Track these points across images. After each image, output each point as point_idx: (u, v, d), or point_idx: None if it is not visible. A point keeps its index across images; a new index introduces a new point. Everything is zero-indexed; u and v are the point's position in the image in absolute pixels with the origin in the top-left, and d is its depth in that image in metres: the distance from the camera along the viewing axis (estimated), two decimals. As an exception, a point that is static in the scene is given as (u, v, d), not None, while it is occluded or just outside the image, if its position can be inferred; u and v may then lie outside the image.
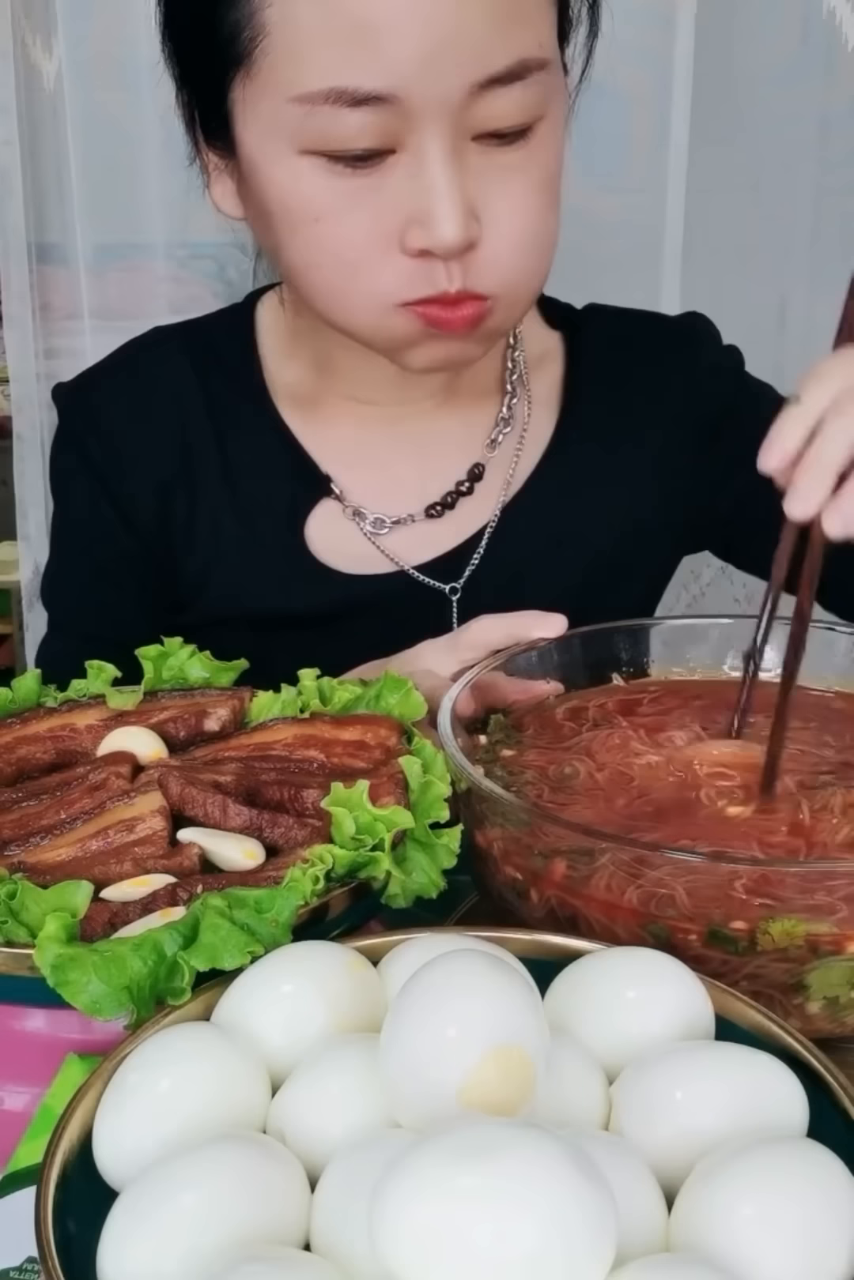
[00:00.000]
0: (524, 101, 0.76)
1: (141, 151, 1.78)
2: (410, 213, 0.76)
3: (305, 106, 0.75)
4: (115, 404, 1.01)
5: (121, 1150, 0.45)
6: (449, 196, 0.75)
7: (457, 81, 0.74)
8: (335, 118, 0.74)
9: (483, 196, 0.77)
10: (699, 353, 1.02)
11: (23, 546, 1.92)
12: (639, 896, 0.58)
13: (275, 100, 0.76)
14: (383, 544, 0.97)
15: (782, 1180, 0.41)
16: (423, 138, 0.75)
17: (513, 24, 0.75)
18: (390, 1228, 0.37)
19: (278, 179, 0.79)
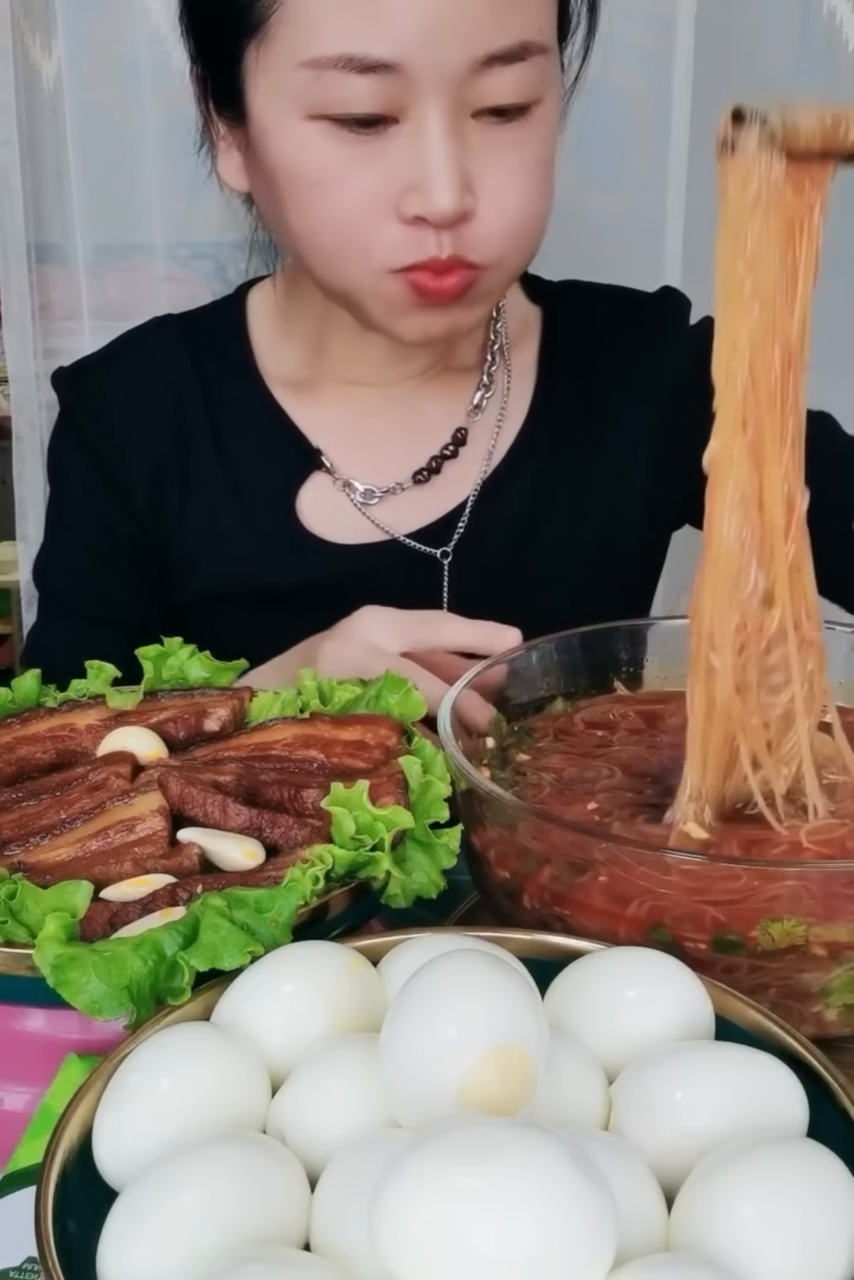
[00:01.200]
0: (523, 81, 0.81)
1: (141, 151, 1.78)
2: (408, 181, 0.80)
3: (315, 71, 0.79)
4: (113, 389, 1.04)
5: (121, 1150, 0.45)
6: (446, 166, 0.79)
7: (459, 56, 0.78)
8: (343, 82, 0.79)
9: (479, 171, 0.81)
10: (668, 324, 1.05)
11: (22, 547, 1.92)
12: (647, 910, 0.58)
13: (287, 65, 0.81)
14: (373, 514, 1.01)
15: (782, 1180, 0.41)
16: (424, 109, 0.79)
17: (515, 7, 0.79)
18: (390, 1228, 0.37)
19: (285, 144, 0.83)
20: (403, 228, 0.82)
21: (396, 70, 0.78)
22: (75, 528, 1.06)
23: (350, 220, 0.83)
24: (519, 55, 0.80)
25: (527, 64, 0.80)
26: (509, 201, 0.83)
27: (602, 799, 0.68)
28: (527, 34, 0.80)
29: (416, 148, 0.80)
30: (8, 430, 1.92)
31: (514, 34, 0.79)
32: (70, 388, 1.05)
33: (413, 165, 0.80)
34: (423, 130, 0.80)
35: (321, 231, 0.85)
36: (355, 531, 1.00)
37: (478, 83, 0.79)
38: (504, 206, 0.83)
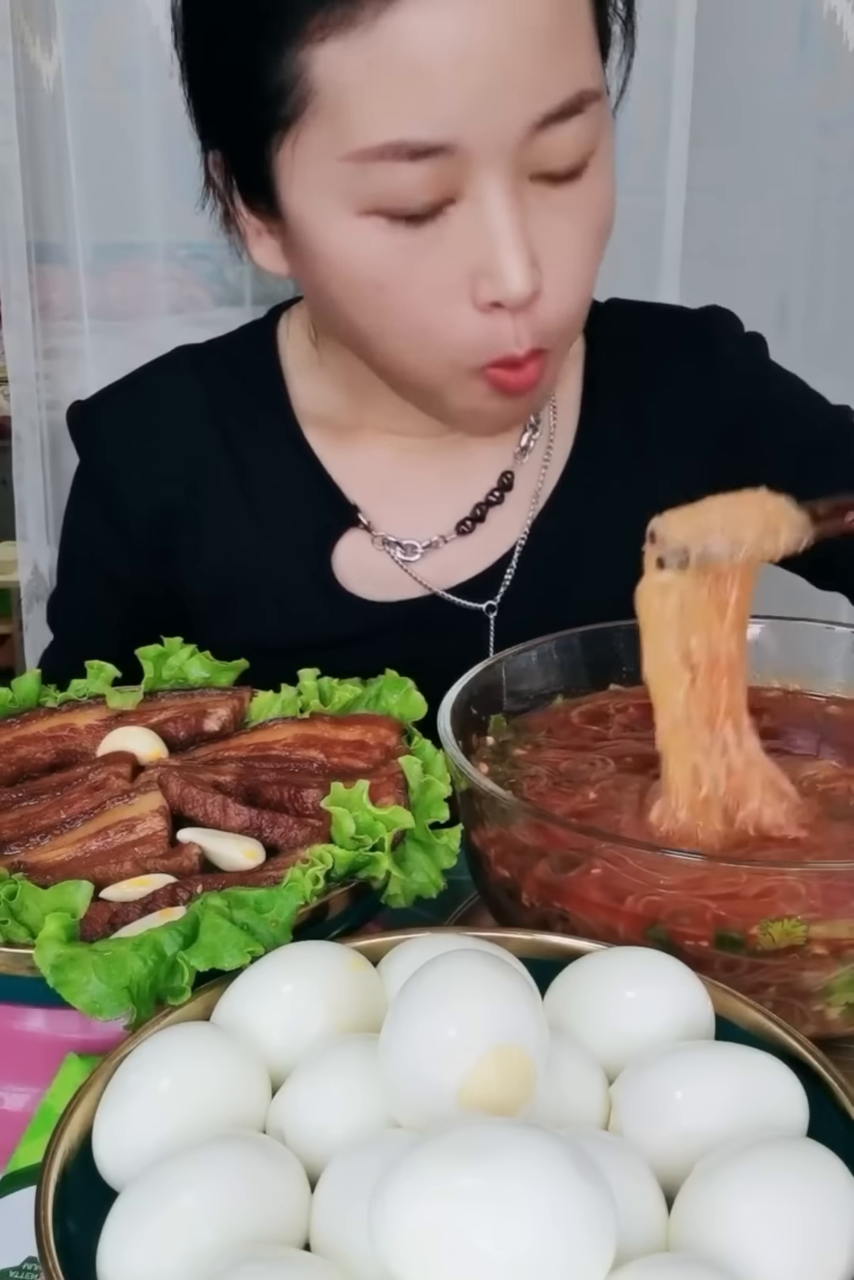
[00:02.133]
0: (580, 136, 0.73)
1: (141, 151, 1.78)
2: (475, 263, 0.74)
3: (360, 164, 0.72)
4: (116, 429, 0.99)
5: (121, 1150, 0.45)
6: (515, 244, 0.73)
7: (515, 121, 0.71)
8: (393, 173, 0.71)
9: (542, 240, 0.74)
10: (717, 353, 0.99)
11: (22, 547, 1.92)
12: (644, 905, 0.58)
13: (327, 161, 0.73)
14: (414, 570, 0.94)
15: (781, 1180, 0.41)
16: (483, 184, 0.72)
17: (566, 55, 0.72)
18: (390, 1228, 0.37)
19: (334, 243, 0.76)
20: (477, 315, 0.75)
21: (450, 150, 0.71)
22: (78, 567, 1.02)
23: (421, 321, 0.76)
24: (576, 108, 0.72)
25: (583, 116, 0.73)
26: (574, 273, 0.77)
27: (598, 790, 0.68)
28: (581, 82, 0.72)
29: (480, 226, 0.73)
30: (8, 430, 1.92)
31: (569, 85, 0.72)
32: (76, 428, 1.01)
33: (479, 246, 0.73)
34: (484, 207, 0.72)
35: (392, 333, 0.78)
36: (395, 588, 0.94)
37: (535, 146, 0.72)
38: (569, 278, 0.76)
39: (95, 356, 1.85)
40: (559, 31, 0.71)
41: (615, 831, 0.63)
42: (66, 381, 1.90)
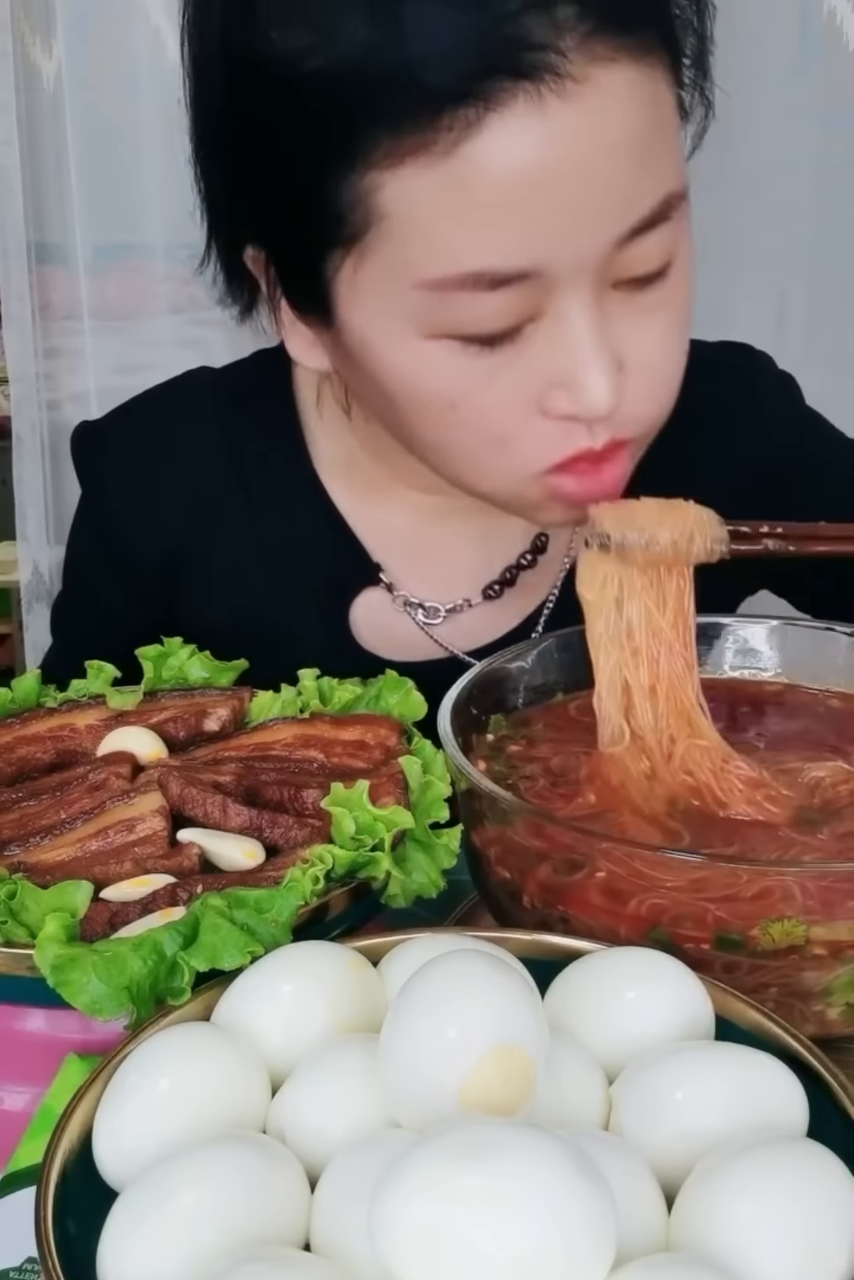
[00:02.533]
0: (665, 240, 0.69)
1: (141, 151, 1.78)
2: (553, 375, 0.69)
3: (436, 293, 0.66)
4: (125, 465, 0.94)
5: (121, 1150, 0.45)
6: (597, 360, 0.68)
7: (601, 241, 0.66)
8: (471, 302, 0.66)
9: (624, 342, 0.70)
10: (759, 400, 0.94)
11: (22, 546, 1.93)
12: (646, 908, 0.58)
13: (395, 285, 0.67)
14: (436, 632, 0.91)
15: (782, 1180, 0.41)
16: (565, 301, 0.67)
17: (654, 163, 0.67)
18: (390, 1228, 0.37)
19: (399, 363, 0.70)
20: (549, 423, 0.70)
21: (532, 276, 0.66)
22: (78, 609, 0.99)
23: (493, 434, 0.72)
24: (663, 215, 0.68)
25: (670, 219, 0.69)
26: (658, 367, 0.73)
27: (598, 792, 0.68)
28: (668, 185, 0.68)
29: (560, 341, 0.68)
30: (8, 430, 1.92)
31: (657, 193, 0.67)
32: (80, 456, 0.96)
33: (557, 360, 0.68)
34: (565, 322, 0.67)
35: (459, 445, 0.74)
36: (413, 648, 0.90)
37: (619, 257, 0.67)
38: (654, 373, 0.72)
39: (95, 356, 1.85)
40: (648, 139, 0.66)
41: (616, 833, 0.63)
42: (67, 381, 1.90)
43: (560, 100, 0.62)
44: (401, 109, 0.63)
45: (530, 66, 0.62)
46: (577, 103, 0.63)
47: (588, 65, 0.63)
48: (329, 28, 0.64)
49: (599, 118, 0.64)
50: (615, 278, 0.68)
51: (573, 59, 0.62)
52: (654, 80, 0.66)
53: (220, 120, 0.71)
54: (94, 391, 1.85)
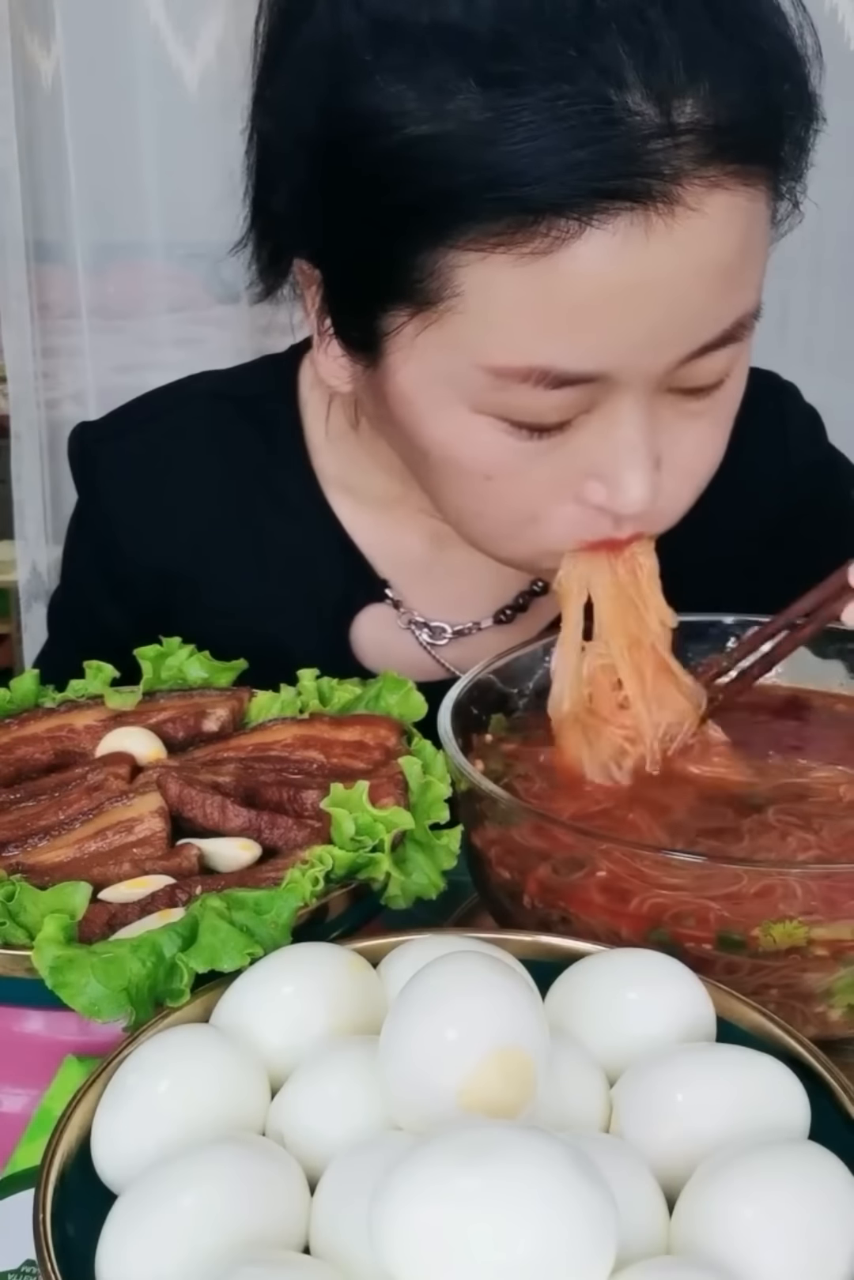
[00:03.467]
0: (730, 356, 0.68)
1: (140, 150, 1.79)
2: (593, 467, 0.68)
3: (498, 379, 0.65)
4: (122, 476, 0.92)
5: (120, 1152, 0.45)
6: (641, 463, 0.67)
7: (671, 357, 0.65)
8: (530, 394, 0.65)
9: (665, 443, 0.69)
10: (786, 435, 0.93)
11: (20, 546, 1.93)
12: (648, 907, 0.58)
13: (457, 359, 0.66)
14: (441, 654, 0.89)
15: (783, 1183, 0.41)
16: (621, 403, 0.66)
17: (739, 285, 0.66)
18: (390, 1230, 0.37)
19: (442, 429, 0.69)
20: (580, 509, 0.70)
21: (597, 380, 0.65)
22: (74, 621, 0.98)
23: (523, 512, 0.71)
24: (734, 336, 0.66)
25: (739, 340, 0.67)
26: (696, 470, 0.72)
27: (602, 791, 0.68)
28: (744, 308, 0.66)
29: (607, 438, 0.67)
30: (6, 429, 1.92)
31: (732, 316, 0.66)
32: (76, 462, 0.94)
33: (601, 453, 0.67)
34: (616, 422, 0.66)
35: (488, 516, 0.73)
36: (417, 670, 0.86)
37: (682, 370, 0.66)
38: (689, 475, 0.72)
39: (94, 355, 1.85)
40: (740, 261, 0.65)
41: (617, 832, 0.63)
42: (65, 380, 1.90)
43: (665, 223, 0.61)
44: (499, 207, 0.61)
45: (645, 192, 0.60)
46: (682, 226, 0.61)
47: (701, 191, 0.61)
48: (441, 99, 0.61)
49: (699, 242, 0.62)
50: (671, 385, 0.67)
51: (687, 186, 0.60)
52: (756, 202, 0.65)
53: (306, 131, 0.67)
54: (93, 390, 1.85)
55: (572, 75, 0.59)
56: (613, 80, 0.59)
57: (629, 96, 0.59)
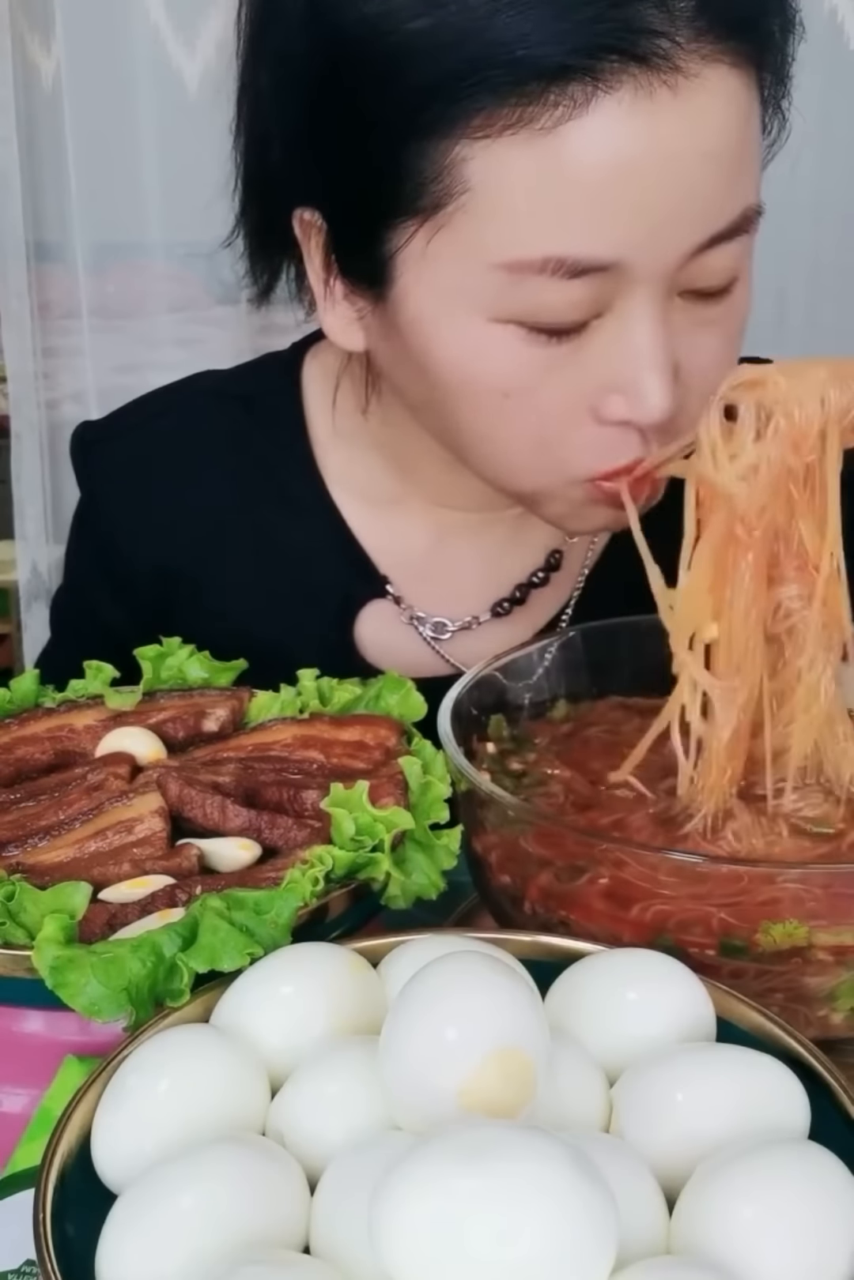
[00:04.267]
0: (737, 253, 0.68)
1: (140, 150, 1.79)
2: (610, 379, 0.68)
3: (513, 275, 0.65)
4: (124, 475, 0.92)
5: (120, 1152, 0.45)
6: (659, 366, 0.67)
7: (684, 244, 0.66)
8: (548, 288, 0.65)
9: (682, 353, 0.69)
10: None
11: (21, 546, 1.93)
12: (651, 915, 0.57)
13: (469, 263, 0.66)
14: (444, 649, 0.89)
15: (783, 1183, 0.41)
16: (634, 301, 0.66)
17: (741, 174, 0.67)
18: (390, 1230, 0.37)
19: (458, 345, 0.68)
20: (601, 430, 0.69)
21: (613, 269, 0.65)
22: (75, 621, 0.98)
23: (541, 433, 0.70)
24: (741, 228, 0.68)
25: (746, 234, 0.68)
26: (713, 380, 0.69)
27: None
28: (749, 199, 0.68)
29: (624, 343, 0.67)
30: (6, 429, 1.92)
31: (738, 205, 0.67)
32: (78, 460, 0.94)
33: (617, 362, 0.67)
34: (631, 324, 0.66)
35: (505, 438, 0.72)
36: (420, 666, 0.87)
37: (692, 265, 0.66)
38: (707, 385, 0.69)
39: (94, 355, 1.85)
40: (740, 149, 0.66)
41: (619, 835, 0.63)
42: (65, 380, 1.90)
43: (670, 92, 0.62)
44: (507, 80, 0.61)
45: (646, 51, 0.61)
46: (685, 97, 0.62)
47: (699, 62, 0.63)
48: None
49: (703, 118, 0.63)
50: (684, 287, 0.68)
51: (686, 52, 0.62)
52: (750, 89, 0.66)
53: (296, 73, 0.68)
54: (93, 390, 1.85)
55: None
56: None
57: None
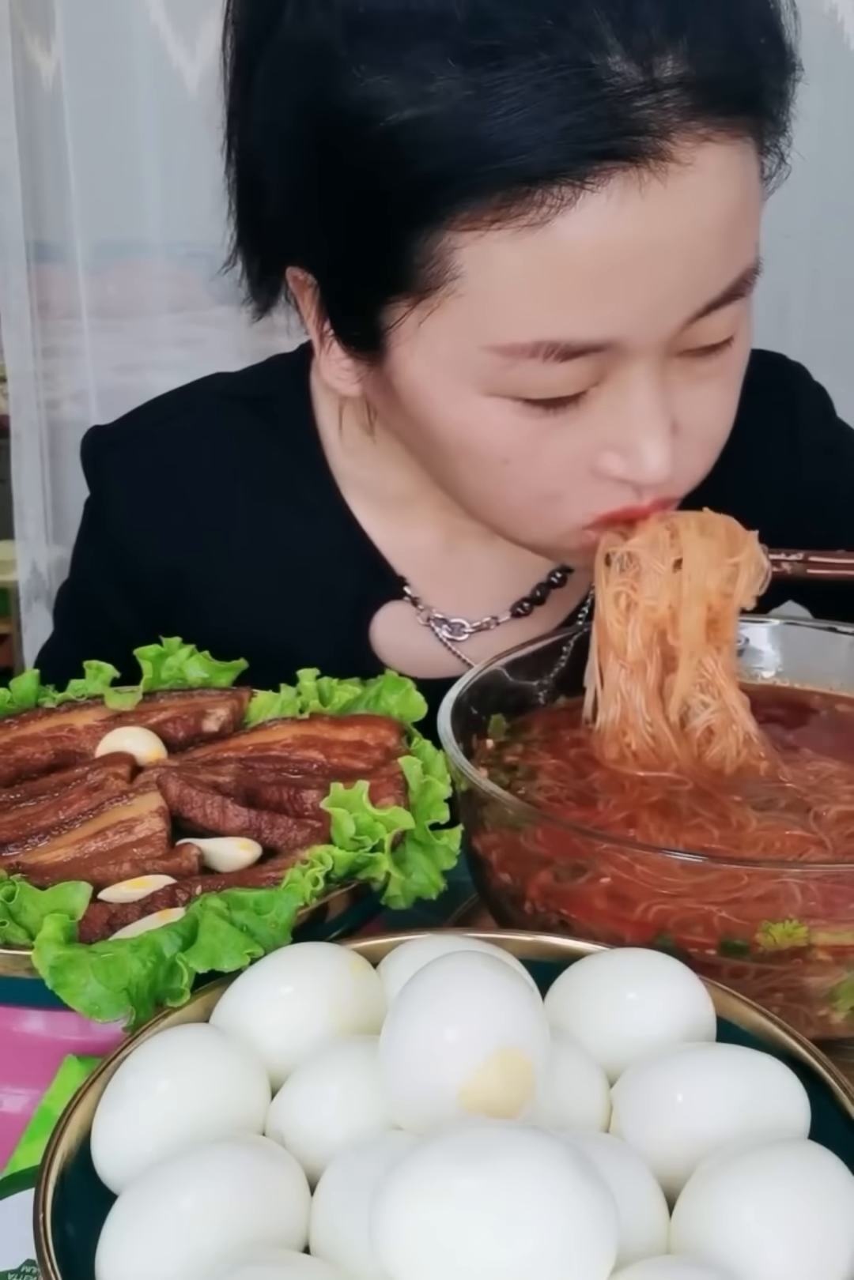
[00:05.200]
0: (736, 313, 0.68)
1: (140, 150, 1.78)
2: (610, 439, 0.68)
3: (506, 358, 0.64)
4: (135, 478, 0.91)
5: (120, 1152, 0.45)
6: (657, 430, 0.67)
7: (680, 317, 0.65)
8: (539, 369, 0.64)
9: (679, 407, 0.69)
10: (797, 421, 0.93)
11: (20, 546, 1.93)
12: (654, 914, 0.57)
13: (462, 344, 0.65)
14: (461, 649, 0.89)
15: (783, 1182, 0.41)
16: (631, 371, 0.66)
17: (739, 240, 0.66)
18: (390, 1230, 0.37)
19: (454, 416, 0.69)
20: (597, 482, 0.70)
21: (608, 347, 0.64)
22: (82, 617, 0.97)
23: (543, 491, 0.70)
24: (739, 291, 0.67)
25: (743, 295, 0.68)
26: (711, 430, 0.72)
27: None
28: (746, 262, 0.67)
29: (621, 408, 0.67)
30: (6, 429, 1.92)
31: (738, 268, 0.66)
32: (89, 464, 0.94)
33: (617, 425, 0.67)
34: (628, 390, 0.66)
35: (506, 501, 0.72)
36: (437, 666, 0.86)
37: (691, 330, 0.66)
38: (706, 436, 0.72)
39: (94, 355, 1.85)
40: (737, 216, 0.65)
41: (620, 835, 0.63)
42: (65, 380, 1.90)
43: (660, 181, 0.61)
44: (492, 181, 0.60)
45: (636, 150, 0.60)
46: (676, 184, 0.61)
47: (691, 147, 0.61)
48: (423, 82, 0.60)
49: (695, 198, 0.62)
50: (681, 349, 0.67)
51: (677, 142, 0.60)
52: (746, 154, 0.65)
53: (284, 132, 0.67)
54: (93, 390, 1.85)
55: (551, 44, 0.59)
56: (593, 44, 0.59)
57: (610, 59, 0.59)
